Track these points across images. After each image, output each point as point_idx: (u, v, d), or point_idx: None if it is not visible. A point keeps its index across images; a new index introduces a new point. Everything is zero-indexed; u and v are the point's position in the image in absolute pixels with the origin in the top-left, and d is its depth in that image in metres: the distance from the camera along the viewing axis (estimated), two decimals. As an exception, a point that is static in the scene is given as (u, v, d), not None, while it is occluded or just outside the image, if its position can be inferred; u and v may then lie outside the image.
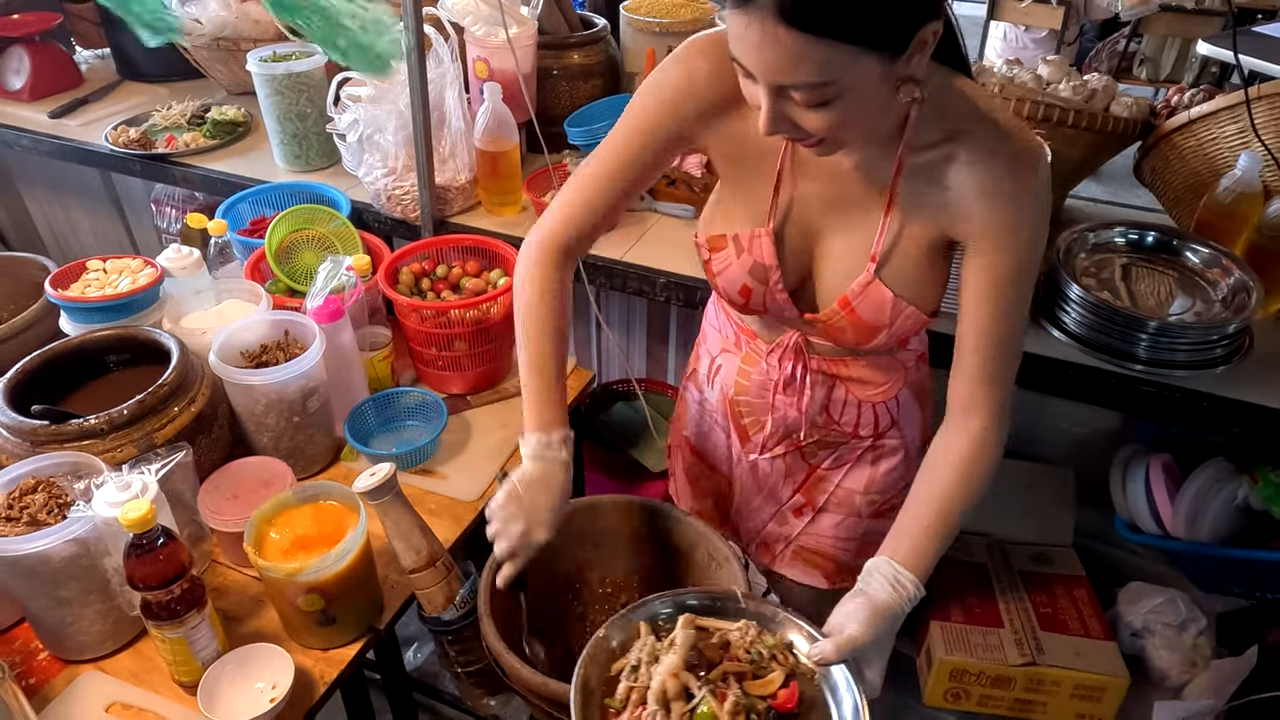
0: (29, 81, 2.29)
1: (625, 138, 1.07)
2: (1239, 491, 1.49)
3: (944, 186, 0.97)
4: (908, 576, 0.97)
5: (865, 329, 1.06)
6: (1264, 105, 1.41)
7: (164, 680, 1.14)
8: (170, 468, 1.08)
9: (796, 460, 1.29)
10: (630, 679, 0.91)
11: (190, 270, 1.50)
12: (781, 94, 0.84)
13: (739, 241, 1.08)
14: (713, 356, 1.31)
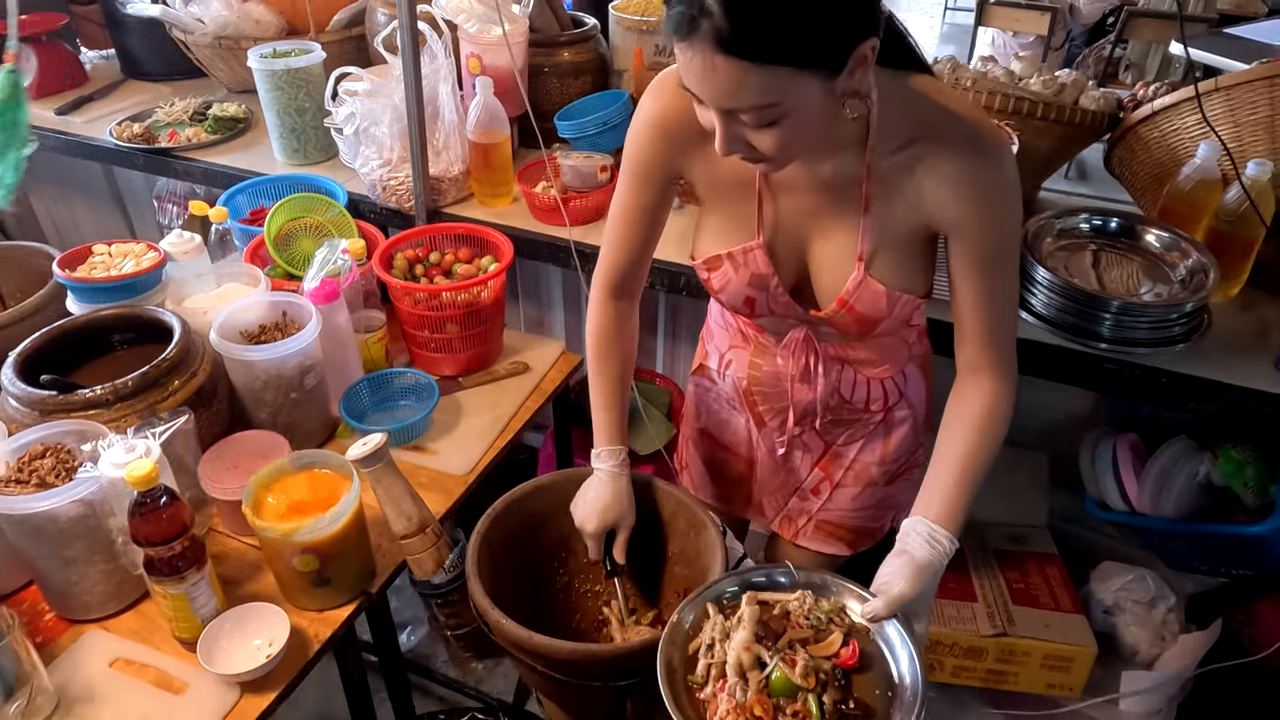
0: (36, 79, 2.35)
1: (627, 180, 1.17)
2: (1201, 468, 1.55)
3: (916, 184, 1.02)
4: (942, 533, 1.03)
5: (867, 321, 1.12)
6: (1221, 96, 1.47)
7: (165, 638, 1.19)
8: (172, 432, 1.14)
9: (814, 439, 1.35)
10: (707, 656, 0.99)
11: (192, 255, 1.56)
12: (731, 117, 0.89)
13: (734, 258, 1.13)
14: (721, 353, 1.36)
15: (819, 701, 0.93)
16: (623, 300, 1.29)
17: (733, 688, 0.95)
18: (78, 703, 1.11)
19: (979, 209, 1.01)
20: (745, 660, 0.96)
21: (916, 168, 1.01)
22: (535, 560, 1.37)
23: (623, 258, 1.24)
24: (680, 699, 0.96)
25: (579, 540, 1.38)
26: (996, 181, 1.01)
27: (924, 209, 1.03)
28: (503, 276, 1.61)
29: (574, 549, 1.39)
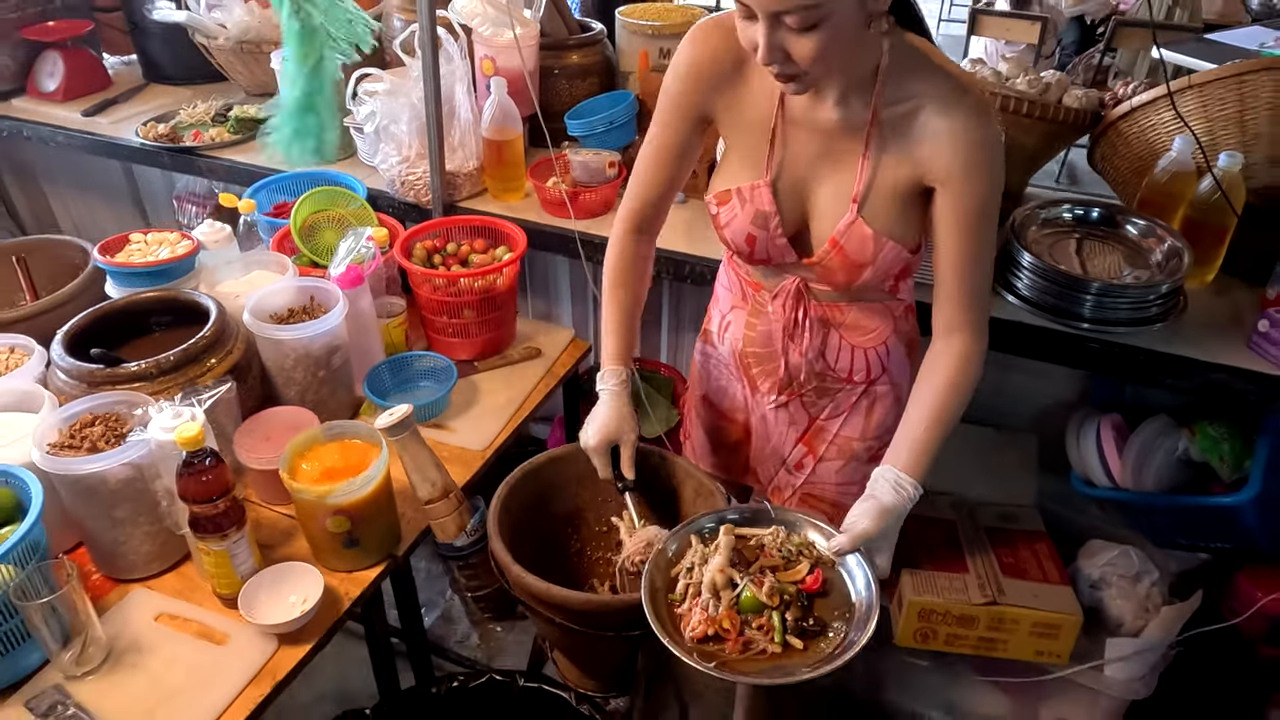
0: (62, 83, 2.44)
1: (661, 120, 1.28)
2: (1180, 444, 1.63)
3: (913, 135, 1.13)
4: (908, 480, 1.15)
5: (853, 266, 1.21)
6: (1194, 94, 1.56)
7: (205, 596, 1.27)
8: (215, 399, 1.22)
9: (799, 411, 1.43)
10: (687, 578, 1.12)
11: (222, 243, 1.65)
12: (777, 23, 0.99)
13: (742, 194, 1.23)
14: (723, 314, 1.45)
15: (781, 617, 1.05)
16: (643, 237, 1.38)
17: (706, 603, 1.07)
18: (127, 652, 1.19)
19: (966, 162, 1.11)
20: (719, 581, 1.08)
21: (915, 121, 1.12)
22: (550, 528, 1.45)
23: (649, 194, 1.34)
24: (660, 612, 1.09)
25: (592, 509, 1.47)
26: (984, 139, 1.11)
27: (917, 159, 1.13)
28: (517, 264, 1.69)
29: (586, 518, 1.48)
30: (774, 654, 1.04)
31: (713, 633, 1.06)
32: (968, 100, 1.11)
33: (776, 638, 1.04)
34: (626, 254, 1.38)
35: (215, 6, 2.27)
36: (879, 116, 1.14)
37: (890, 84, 1.12)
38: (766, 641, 1.04)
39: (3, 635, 1.11)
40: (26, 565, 1.10)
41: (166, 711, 1.11)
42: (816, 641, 1.06)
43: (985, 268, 1.19)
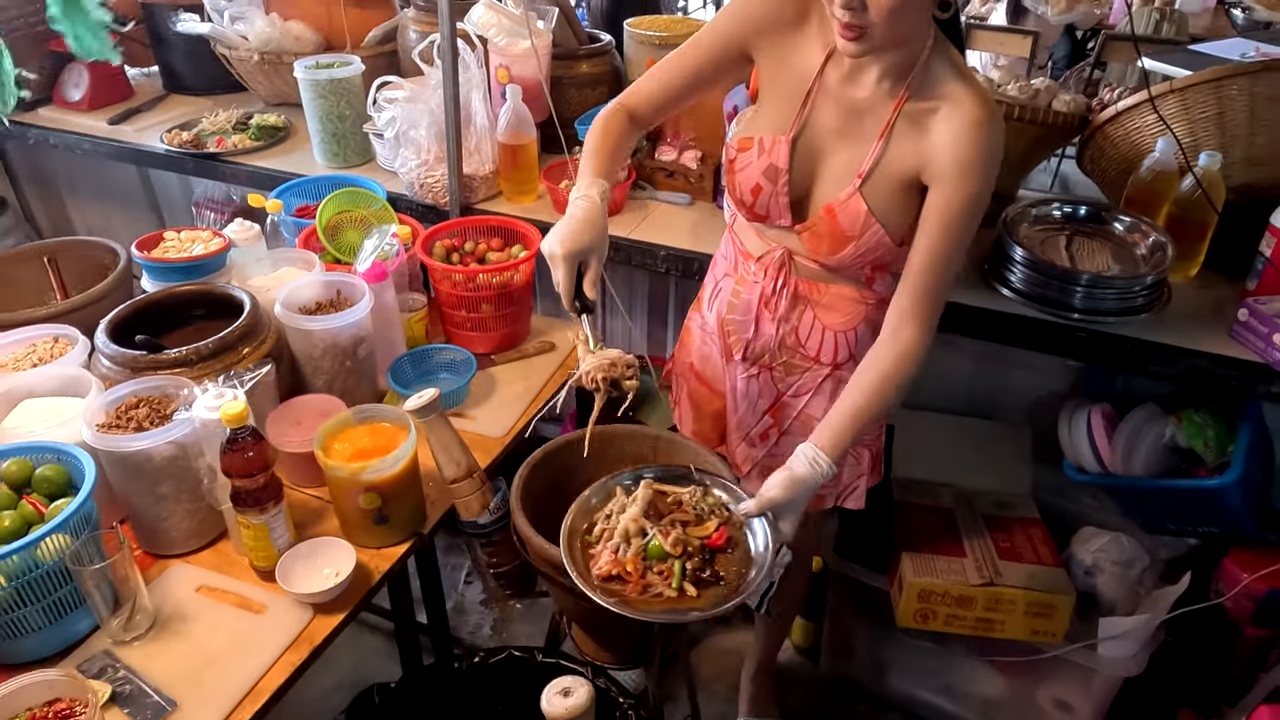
0: (87, 93, 2.53)
1: (704, 37, 1.34)
2: (1167, 430, 1.71)
3: (925, 132, 1.22)
4: (824, 458, 1.22)
5: (840, 237, 1.30)
6: (1175, 98, 1.65)
7: (242, 570, 1.34)
8: (255, 381, 1.29)
9: (768, 384, 1.51)
10: (604, 523, 1.23)
11: (252, 241, 1.73)
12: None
13: (762, 144, 1.32)
14: (716, 280, 1.54)
15: (682, 566, 1.15)
16: (632, 124, 1.40)
17: (616, 546, 1.18)
18: (171, 619, 1.25)
19: (963, 162, 1.19)
20: (631, 529, 1.19)
21: (931, 120, 1.21)
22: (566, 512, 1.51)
23: (653, 93, 1.38)
24: (574, 551, 1.20)
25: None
26: (985, 144, 1.20)
27: (924, 153, 1.22)
28: (533, 261, 1.77)
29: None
30: (670, 598, 1.14)
31: (617, 573, 1.16)
32: (981, 111, 1.19)
33: (674, 583, 1.14)
34: (616, 121, 1.38)
35: (238, 19, 2.35)
36: (904, 106, 1.23)
37: (921, 79, 1.21)
38: (664, 585, 1.14)
39: (56, 602, 1.17)
40: (80, 535, 1.17)
41: (211, 673, 1.18)
42: (710, 590, 1.16)
43: (952, 267, 1.26)
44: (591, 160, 1.34)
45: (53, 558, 1.14)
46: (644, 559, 1.17)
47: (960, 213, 1.22)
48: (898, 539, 1.85)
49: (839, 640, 2.10)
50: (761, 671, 2.03)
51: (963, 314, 1.64)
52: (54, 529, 1.13)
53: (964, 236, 1.24)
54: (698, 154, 2.04)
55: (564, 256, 1.21)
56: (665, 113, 1.42)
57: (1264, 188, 1.63)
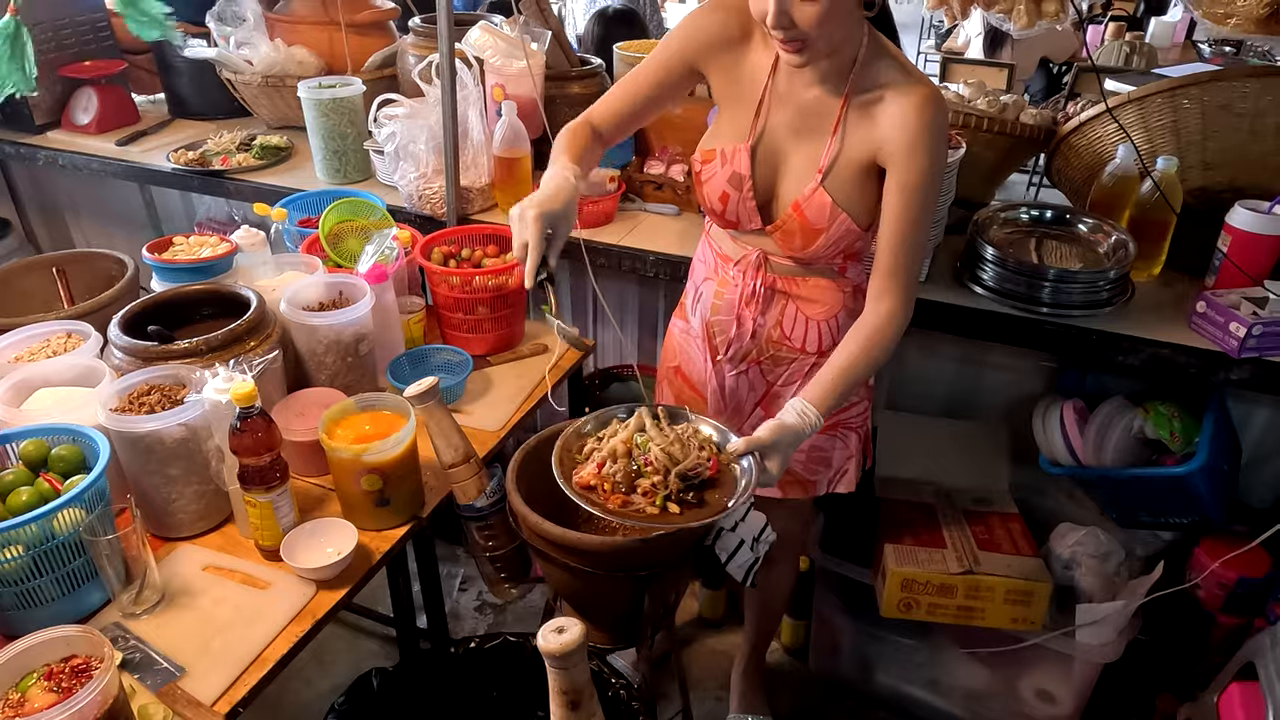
0: (95, 117, 2.62)
1: (656, 58, 1.44)
2: (1135, 422, 1.78)
3: (874, 120, 1.32)
4: (812, 410, 1.30)
5: (810, 231, 1.39)
6: (1133, 108, 1.75)
7: (247, 551, 1.39)
8: (263, 367, 1.36)
9: (758, 377, 1.59)
10: (595, 444, 1.29)
11: (258, 247, 1.80)
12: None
13: (724, 155, 1.41)
14: (697, 285, 1.62)
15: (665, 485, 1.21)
16: (595, 139, 1.47)
17: (602, 461, 1.24)
18: (179, 595, 1.30)
19: (912, 141, 1.29)
20: (620, 449, 1.24)
21: (877, 107, 1.31)
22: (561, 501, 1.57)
23: (613, 108, 1.47)
24: (563, 464, 1.27)
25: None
26: (930, 123, 1.29)
27: (875, 140, 1.32)
28: (527, 265, 1.84)
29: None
30: (651, 515, 1.19)
31: (594, 484, 1.23)
32: (920, 91, 1.30)
33: (657, 500, 1.20)
34: (580, 130, 1.45)
35: (243, 45, 2.45)
36: (851, 99, 1.33)
37: (862, 74, 1.31)
38: (647, 504, 1.20)
39: (70, 573, 1.22)
40: (94, 509, 1.22)
41: (218, 643, 1.22)
42: (692, 511, 1.21)
43: (918, 243, 1.35)
44: (563, 153, 1.41)
45: (68, 530, 1.19)
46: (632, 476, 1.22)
47: (918, 188, 1.32)
48: (881, 533, 1.90)
49: (826, 639, 2.15)
50: (751, 669, 2.07)
51: (939, 311, 1.72)
52: (69, 501, 1.18)
53: (926, 210, 1.33)
54: (684, 167, 2.14)
55: (536, 216, 1.26)
56: (626, 128, 1.50)
57: (1219, 191, 1.73)
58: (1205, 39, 4.69)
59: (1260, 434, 1.92)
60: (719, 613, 2.35)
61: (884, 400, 2.18)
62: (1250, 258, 1.60)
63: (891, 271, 1.34)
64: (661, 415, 1.32)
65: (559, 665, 0.89)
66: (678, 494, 1.20)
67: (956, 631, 1.90)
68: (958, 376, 2.14)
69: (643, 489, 1.21)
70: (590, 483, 1.23)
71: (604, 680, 1.46)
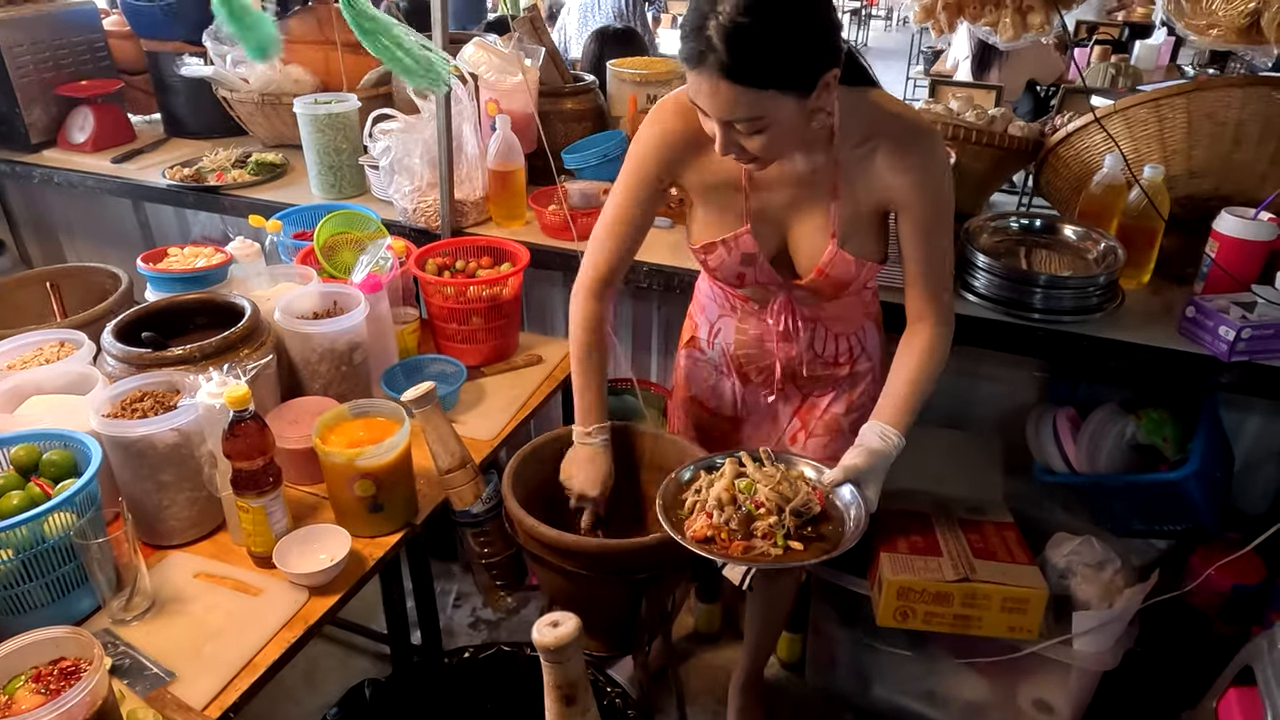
0: (92, 136, 2.63)
1: (624, 187, 1.42)
2: (1128, 429, 1.79)
3: (873, 171, 1.32)
4: (892, 431, 1.33)
5: (839, 285, 1.40)
6: (1119, 118, 1.78)
7: (239, 558, 1.38)
8: (257, 372, 1.35)
9: (794, 392, 1.60)
10: (694, 497, 1.29)
11: (252, 258, 1.81)
12: (729, 126, 1.17)
13: (727, 243, 1.40)
14: (711, 322, 1.60)
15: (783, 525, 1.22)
16: (603, 300, 1.49)
17: (710, 511, 1.24)
18: (170, 601, 1.29)
19: (917, 185, 1.30)
20: (724, 497, 1.25)
21: (873, 159, 1.30)
22: (556, 504, 1.57)
23: (611, 261, 1.46)
24: (671, 519, 1.26)
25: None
26: (930, 162, 1.30)
27: (879, 190, 1.32)
28: (521, 275, 1.85)
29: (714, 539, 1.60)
30: (777, 556, 1.20)
31: (711, 535, 1.21)
32: (917, 135, 1.30)
33: (779, 541, 1.20)
34: (592, 318, 1.48)
35: (240, 63, 2.48)
36: (842, 162, 1.31)
37: (847, 135, 1.29)
38: (768, 545, 1.20)
39: (59, 579, 1.21)
40: (85, 513, 1.21)
41: (210, 649, 1.21)
42: (816, 546, 1.22)
43: (945, 267, 1.37)
44: (586, 396, 1.48)
45: (58, 534, 1.18)
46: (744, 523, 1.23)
47: (931, 225, 1.34)
48: (877, 542, 1.89)
49: (823, 652, 2.13)
50: (749, 684, 2.05)
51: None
52: (60, 504, 1.17)
53: (944, 239, 1.35)
54: (678, 181, 2.16)
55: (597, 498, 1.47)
56: (627, 263, 1.49)
57: (1205, 198, 1.75)
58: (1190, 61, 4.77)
59: (1252, 441, 1.93)
60: (715, 627, 2.33)
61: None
62: (1238, 263, 1.62)
63: (926, 297, 1.37)
64: (764, 456, 1.34)
65: (554, 659, 0.88)
66: (796, 530, 1.21)
67: (953, 642, 1.89)
68: (951, 387, 2.14)
69: (761, 531, 1.21)
70: (706, 534, 1.23)
71: (600, 689, 1.45)
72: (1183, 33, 1.70)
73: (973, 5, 1.84)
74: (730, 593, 2.22)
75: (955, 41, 4.29)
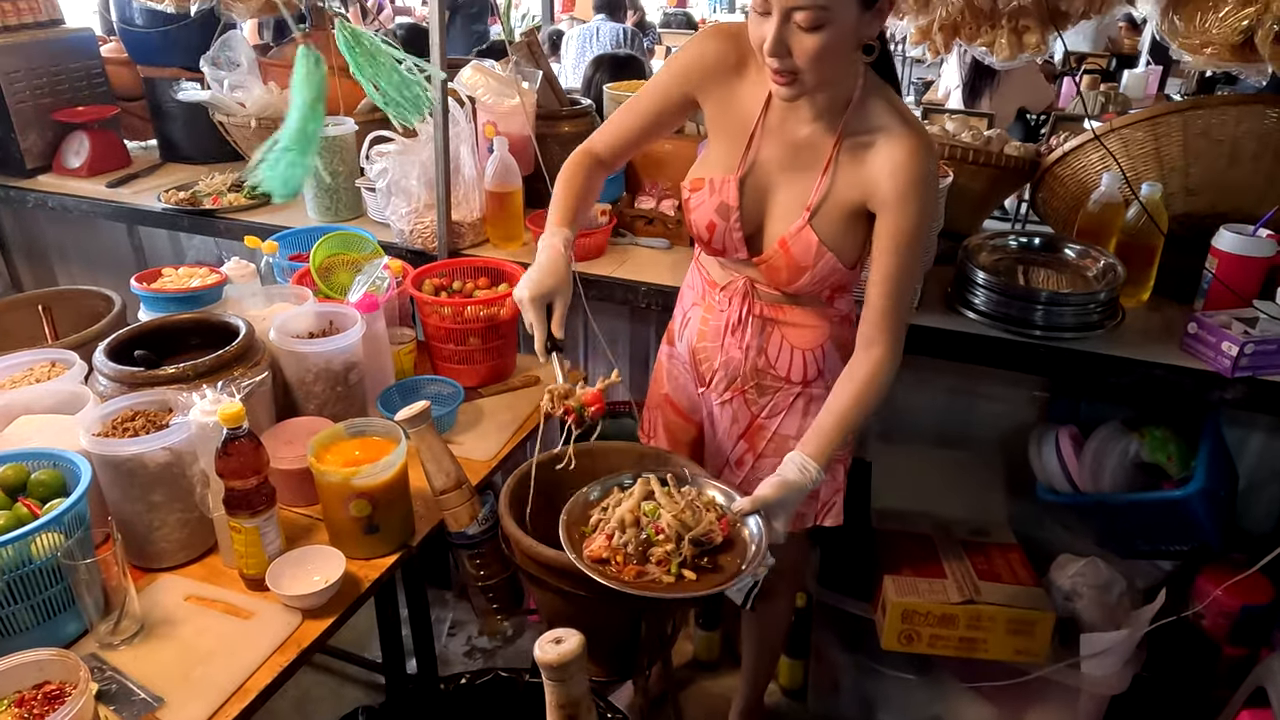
0: (87, 160, 2.63)
1: (654, 85, 1.46)
2: (1131, 447, 1.77)
3: (866, 162, 1.32)
4: (812, 464, 1.29)
5: (795, 268, 1.38)
6: (1116, 136, 1.79)
7: (231, 581, 1.34)
8: (252, 389, 1.33)
9: (741, 408, 1.57)
10: (600, 514, 1.28)
11: (247, 278, 1.79)
12: (788, 19, 1.17)
13: (713, 184, 1.41)
14: (684, 311, 1.61)
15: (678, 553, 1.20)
16: (598, 168, 1.52)
17: (611, 532, 1.23)
18: (159, 625, 1.25)
19: (904, 192, 1.29)
20: (627, 519, 1.24)
21: (870, 151, 1.31)
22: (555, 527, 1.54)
23: (617, 140, 1.50)
24: (572, 537, 1.26)
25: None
26: (923, 174, 1.30)
27: (867, 183, 1.32)
28: (519, 295, 1.84)
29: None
30: (667, 584, 1.17)
31: (607, 557, 1.21)
32: (915, 140, 1.30)
33: (672, 569, 1.18)
34: (583, 165, 1.50)
35: (237, 87, 2.48)
36: (843, 141, 1.33)
37: (857, 115, 1.32)
38: (661, 573, 1.18)
39: (46, 601, 1.17)
40: (74, 534, 1.18)
41: (199, 673, 1.17)
42: (707, 577, 1.19)
43: (907, 290, 1.35)
44: (557, 209, 1.46)
45: (45, 555, 1.15)
46: (642, 547, 1.21)
47: (908, 237, 1.32)
48: (880, 565, 1.87)
49: (825, 678, 2.09)
50: (749, 711, 2.02)
51: (931, 337, 1.72)
52: (47, 524, 1.14)
53: (916, 257, 1.34)
54: (674, 202, 2.16)
55: (530, 300, 1.34)
56: (626, 154, 1.55)
57: (1203, 215, 1.75)
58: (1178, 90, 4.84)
59: (1255, 460, 1.91)
60: (715, 654, 2.29)
61: (878, 432, 2.17)
62: (1238, 279, 1.62)
63: (881, 319, 1.34)
64: (671, 481, 1.32)
65: (556, 677, 0.86)
66: (692, 559, 1.19)
67: (959, 666, 1.86)
68: (951, 408, 2.13)
69: (656, 558, 1.19)
70: (602, 555, 1.21)
71: (600, 714, 1.42)
72: (1177, 53, 1.71)
73: (969, 26, 1.86)
74: (731, 618, 2.19)
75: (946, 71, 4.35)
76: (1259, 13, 1.52)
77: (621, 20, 5.46)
